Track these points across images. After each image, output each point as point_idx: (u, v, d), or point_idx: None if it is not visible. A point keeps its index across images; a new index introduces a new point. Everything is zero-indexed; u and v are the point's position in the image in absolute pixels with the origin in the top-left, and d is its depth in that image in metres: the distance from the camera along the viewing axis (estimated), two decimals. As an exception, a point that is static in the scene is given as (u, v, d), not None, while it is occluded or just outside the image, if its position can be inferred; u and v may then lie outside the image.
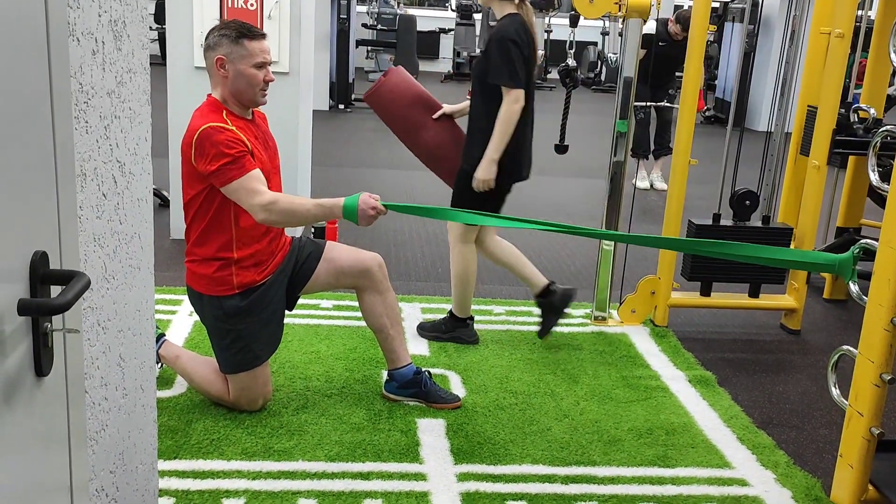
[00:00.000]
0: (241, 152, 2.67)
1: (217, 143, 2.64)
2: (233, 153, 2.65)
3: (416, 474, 2.66)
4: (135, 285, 1.73)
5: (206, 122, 2.68)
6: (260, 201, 2.65)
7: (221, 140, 2.65)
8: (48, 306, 1.14)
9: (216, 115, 2.73)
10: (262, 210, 2.65)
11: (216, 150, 2.64)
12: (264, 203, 2.65)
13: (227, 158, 2.64)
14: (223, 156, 2.64)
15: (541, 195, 6.86)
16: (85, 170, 1.46)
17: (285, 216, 2.70)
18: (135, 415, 1.79)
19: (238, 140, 2.68)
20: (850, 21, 3.75)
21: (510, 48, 3.39)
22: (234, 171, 2.65)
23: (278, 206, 2.66)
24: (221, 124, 2.69)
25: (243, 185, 2.65)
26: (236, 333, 2.86)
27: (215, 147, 2.64)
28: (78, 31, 1.40)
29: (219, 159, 2.64)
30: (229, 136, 2.67)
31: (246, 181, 2.65)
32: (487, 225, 3.18)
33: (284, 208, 2.67)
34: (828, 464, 2.86)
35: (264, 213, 2.66)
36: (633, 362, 3.62)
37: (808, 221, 4.01)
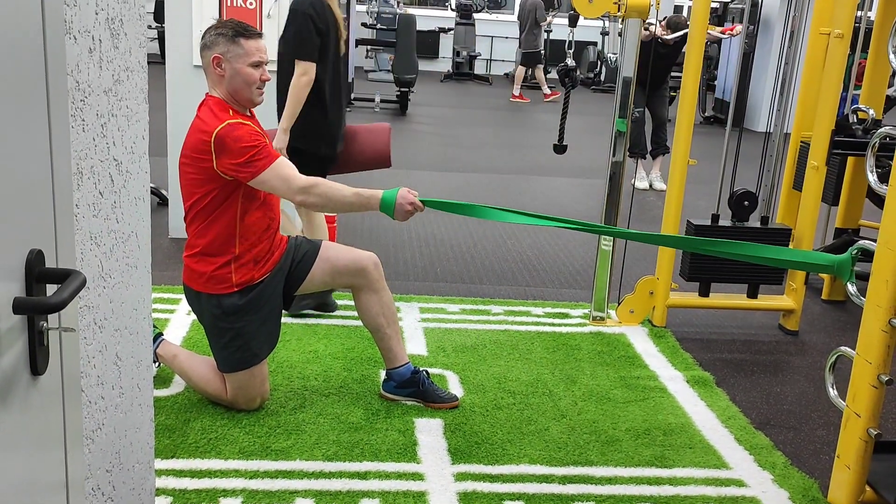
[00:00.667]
0: (265, 143, 2.73)
1: (239, 138, 2.68)
2: (258, 144, 2.70)
3: (413, 474, 2.66)
4: (132, 284, 1.73)
5: (222, 121, 2.70)
6: (299, 184, 2.71)
7: (242, 135, 2.69)
8: (43, 305, 1.13)
9: (227, 115, 2.75)
10: (300, 192, 2.71)
11: (241, 145, 2.68)
12: (303, 185, 2.71)
13: (254, 150, 2.69)
14: (249, 149, 2.68)
15: (539, 195, 6.87)
16: (82, 168, 1.46)
17: (323, 199, 2.75)
18: (131, 414, 1.79)
19: (257, 133, 2.74)
20: (849, 21, 3.75)
21: (302, 21, 3.60)
22: (262, 161, 2.69)
23: (318, 188, 2.72)
24: (237, 120, 2.72)
25: (276, 173, 2.70)
26: (235, 332, 2.86)
27: (239, 141, 2.68)
28: (75, 29, 1.40)
29: (246, 152, 2.68)
30: (248, 129, 2.72)
31: (277, 168, 2.71)
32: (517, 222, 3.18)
33: (324, 191, 2.73)
34: (825, 465, 2.86)
35: (303, 195, 2.72)
36: (632, 363, 3.62)
37: (807, 222, 4.00)
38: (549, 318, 4.06)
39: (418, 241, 5.19)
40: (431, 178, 7.23)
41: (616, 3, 3.78)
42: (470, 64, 15.08)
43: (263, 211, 2.85)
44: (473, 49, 15.12)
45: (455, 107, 11.91)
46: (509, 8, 16.57)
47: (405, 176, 7.17)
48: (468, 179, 7.24)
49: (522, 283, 4.60)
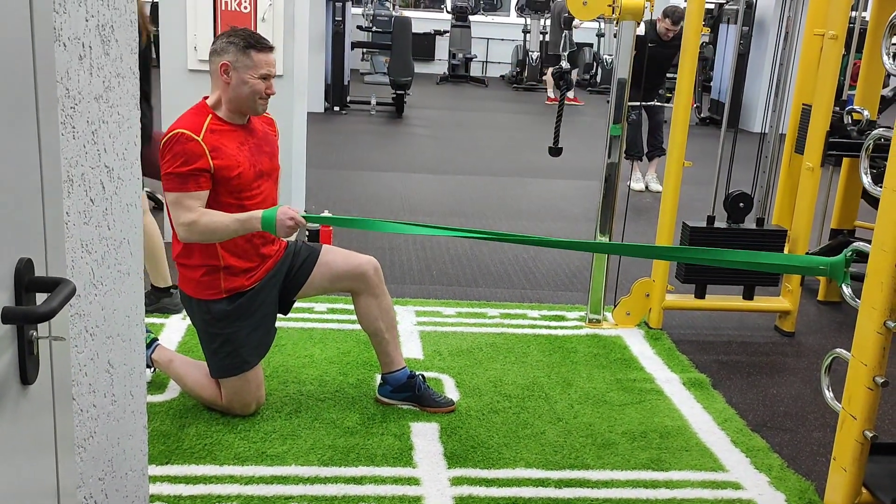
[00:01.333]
0: (193, 171, 2.67)
1: (175, 153, 2.67)
2: (183, 168, 2.67)
3: (409, 478, 2.65)
4: (124, 291, 1.72)
5: (180, 127, 2.70)
6: (183, 220, 2.68)
7: (180, 150, 2.67)
8: (33, 314, 1.13)
9: (196, 119, 2.73)
10: (183, 228, 2.70)
11: (171, 158, 2.68)
12: (186, 222, 2.68)
13: (175, 170, 2.67)
14: (172, 166, 2.68)
15: (535, 197, 6.87)
16: (72, 175, 1.45)
17: (205, 234, 2.71)
18: (124, 421, 1.78)
19: (198, 155, 2.68)
20: (843, 22, 3.75)
21: None
22: (176, 183, 2.68)
23: (197, 224, 2.68)
24: (191, 133, 2.69)
25: (178, 201, 2.68)
26: (224, 338, 2.85)
27: (172, 155, 2.67)
28: (64, 36, 1.39)
29: (169, 166, 2.68)
30: (191, 147, 2.67)
31: (181, 197, 2.68)
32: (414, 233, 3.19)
33: (203, 227, 2.69)
34: (821, 467, 2.86)
35: (185, 232, 2.70)
36: (628, 365, 3.61)
37: (803, 223, 4.00)
38: (545, 321, 4.06)
39: (414, 245, 5.19)
40: (427, 180, 7.23)
41: (610, 5, 3.78)
42: (466, 66, 15.08)
43: None
44: (469, 51, 15.12)
45: (451, 109, 11.91)
46: (505, 10, 16.57)
47: (402, 178, 7.17)
48: (464, 182, 7.24)
49: (518, 285, 4.60)
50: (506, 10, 16.59)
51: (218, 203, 2.74)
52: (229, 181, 2.73)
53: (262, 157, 2.87)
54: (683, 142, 3.92)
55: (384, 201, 6.37)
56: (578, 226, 5.95)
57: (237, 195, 2.77)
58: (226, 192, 2.74)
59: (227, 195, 2.75)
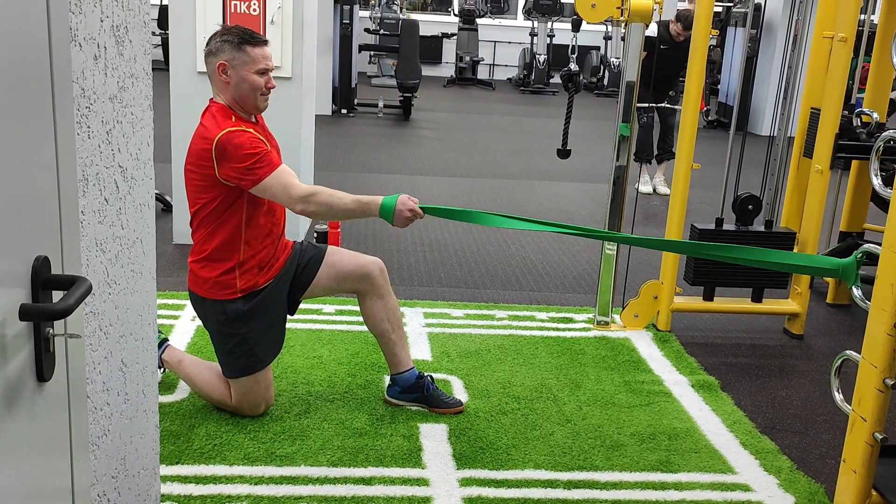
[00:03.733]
0: (266, 151, 2.71)
1: (241, 146, 2.68)
2: (259, 152, 2.69)
3: (418, 479, 2.66)
4: (137, 290, 1.73)
5: (223, 129, 2.70)
6: (299, 193, 2.69)
7: (244, 142, 2.68)
8: (50, 311, 1.14)
9: (229, 122, 2.74)
10: (300, 201, 2.70)
11: (242, 152, 2.67)
12: (303, 194, 2.70)
13: (255, 158, 2.68)
14: (251, 156, 2.67)
15: (543, 200, 6.87)
16: (87, 175, 1.46)
17: (323, 207, 2.73)
18: (137, 420, 1.79)
19: (259, 140, 2.73)
20: (852, 25, 3.75)
21: None
22: (264, 168, 2.69)
23: (318, 197, 2.71)
24: (239, 128, 2.72)
25: (277, 180, 2.69)
26: (240, 337, 2.86)
27: (240, 149, 2.67)
28: (80, 37, 1.40)
29: (247, 159, 2.67)
30: (250, 136, 2.71)
31: (279, 176, 2.70)
32: (517, 228, 3.14)
33: (324, 200, 2.71)
34: (831, 469, 2.85)
35: (303, 204, 2.70)
36: (636, 367, 3.61)
37: (811, 226, 4.00)
38: (554, 323, 4.06)
39: (422, 246, 5.19)
40: (435, 183, 7.24)
41: (619, 7, 3.78)
42: (473, 69, 15.09)
43: (268, 217, 2.85)
44: (476, 54, 15.14)
45: (458, 112, 11.92)
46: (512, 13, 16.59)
47: (409, 181, 7.17)
48: (472, 185, 7.24)
49: (526, 287, 4.60)
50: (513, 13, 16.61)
51: (232, 198, 2.74)
52: None
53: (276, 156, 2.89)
54: (692, 144, 3.91)
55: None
56: (586, 228, 5.94)
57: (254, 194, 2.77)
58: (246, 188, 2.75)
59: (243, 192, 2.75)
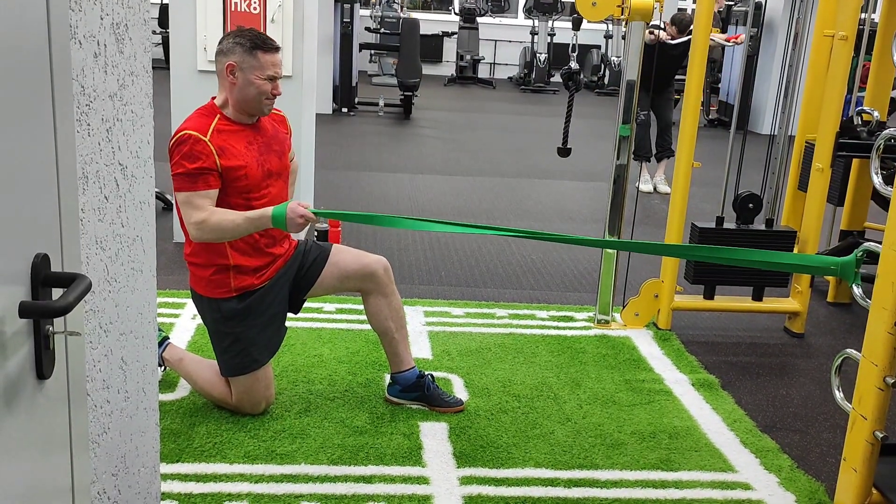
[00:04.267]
0: (201, 169, 2.68)
1: (183, 153, 2.67)
2: (191, 167, 2.67)
3: (418, 478, 2.66)
4: (137, 288, 1.73)
5: (188, 128, 2.71)
6: (194, 219, 2.68)
7: (188, 151, 2.67)
8: (49, 309, 1.14)
9: (204, 121, 2.74)
10: (194, 228, 2.69)
11: (179, 159, 2.68)
12: (196, 221, 2.68)
13: (184, 170, 2.67)
14: (182, 166, 2.67)
15: (544, 198, 6.87)
16: (87, 172, 1.46)
17: (216, 232, 2.71)
18: (137, 418, 1.79)
19: (205, 154, 2.68)
20: (853, 24, 3.75)
21: None
22: (186, 183, 2.68)
23: (208, 223, 2.68)
24: (199, 134, 2.69)
25: (188, 200, 2.68)
26: (234, 336, 2.86)
27: (180, 156, 2.68)
28: (80, 34, 1.40)
29: (178, 167, 2.68)
30: (198, 148, 2.68)
31: (191, 196, 2.68)
32: (424, 230, 3.13)
33: (215, 225, 2.69)
34: (831, 468, 2.85)
35: (196, 231, 2.70)
36: (636, 366, 3.61)
37: (812, 224, 4.00)
38: (554, 322, 4.06)
39: (423, 245, 5.19)
40: (436, 181, 7.24)
41: (619, 6, 3.78)
42: (474, 68, 15.09)
43: None
44: (477, 53, 15.13)
45: (459, 111, 11.92)
46: (513, 12, 16.58)
47: (410, 180, 7.17)
48: (473, 183, 7.24)
49: (527, 286, 4.60)
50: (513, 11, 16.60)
51: (227, 204, 2.75)
52: (237, 181, 2.74)
53: (270, 157, 2.87)
54: (692, 143, 3.91)
55: (392, 202, 6.38)
56: (587, 227, 5.95)
57: (245, 195, 2.77)
58: (234, 192, 2.75)
59: (235, 196, 2.76)
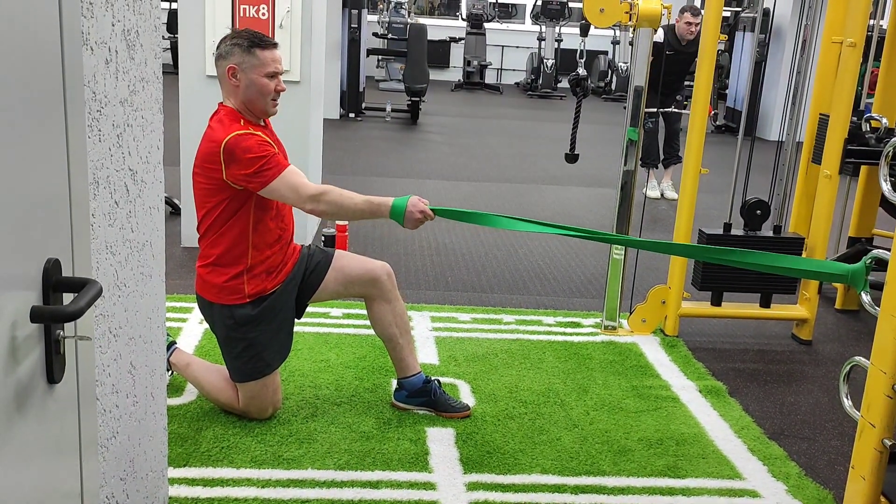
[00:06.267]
0: (273, 153, 2.72)
1: (248, 149, 2.69)
2: (267, 154, 2.70)
3: (425, 483, 2.65)
4: (146, 293, 1.74)
5: (230, 132, 2.71)
6: (309, 192, 2.70)
7: (251, 145, 2.69)
8: (60, 313, 1.14)
9: (237, 125, 2.75)
10: (310, 200, 2.70)
11: (249, 155, 2.68)
12: (313, 193, 2.71)
13: (263, 160, 2.69)
14: (259, 159, 2.68)
15: (551, 204, 6.87)
16: (98, 178, 1.47)
17: (333, 207, 2.74)
18: (145, 422, 1.79)
19: (266, 142, 2.73)
20: (862, 30, 3.74)
21: None
22: (272, 170, 2.69)
23: (328, 196, 2.71)
24: (246, 131, 2.72)
25: (285, 182, 2.70)
26: (247, 342, 2.87)
27: (248, 152, 2.68)
28: (92, 41, 1.41)
29: (255, 162, 2.68)
30: (258, 139, 2.72)
31: (287, 177, 2.70)
32: (526, 230, 3.11)
33: (334, 199, 2.72)
34: (840, 475, 2.84)
35: (313, 204, 2.71)
36: (644, 372, 3.60)
37: (820, 231, 3.99)
38: (561, 328, 4.05)
39: (429, 250, 5.19)
40: (443, 187, 7.24)
41: (627, 12, 3.78)
42: (481, 73, 15.11)
43: (276, 221, 2.86)
44: (484, 58, 15.15)
45: (466, 116, 11.93)
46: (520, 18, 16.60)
47: (417, 185, 7.18)
48: (479, 189, 7.24)
49: (534, 292, 4.60)
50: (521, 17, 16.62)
51: (237, 205, 2.75)
52: None
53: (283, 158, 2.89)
54: (700, 149, 3.91)
55: (399, 207, 6.37)
56: (594, 233, 5.93)
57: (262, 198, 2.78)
58: None
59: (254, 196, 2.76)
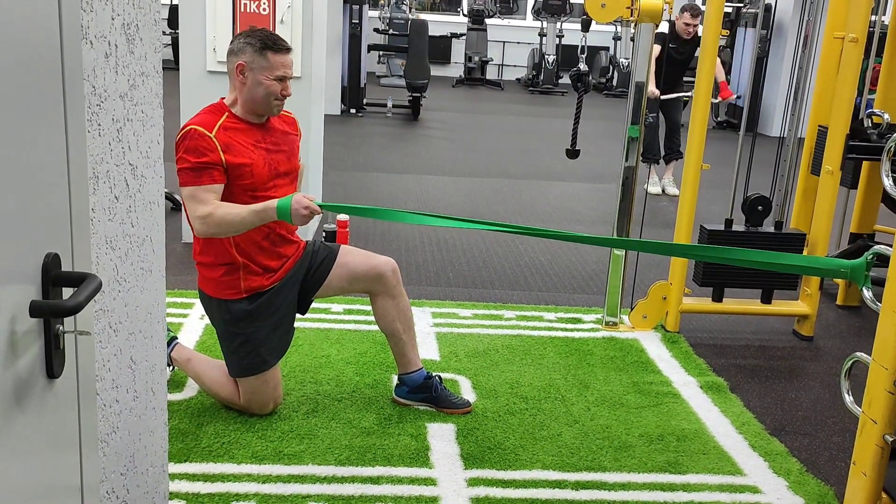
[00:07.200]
0: (206, 164, 2.67)
1: (187, 148, 2.67)
2: (195, 161, 2.66)
3: (425, 479, 2.65)
4: (146, 288, 1.74)
5: (193, 124, 2.71)
6: (199, 213, 2.66)
7: (192, 146, 2.67)
8: (60, 308, 1.14)
9: (210, 118, 2.74)
10: (199, 221, 2.67)
11: (183, 154, 2.68)
12: (201, 215, 2.66)
13: (188, 164, 2.66)
14: (186, 160, 2.67)
15: (552, 199, 6.86)
16: (97, 172, 1.46)
17: (221, 226, 2.69)
18: (145, 417, 1.79)
19: (209, 149, 2.68)
20: (863, 26, 3.73)
21: None
22: (190, 177, 2.67)
23: (213, 217, 2.66)
24: (204, 130, 2.69)
25: (193, 194, 2.67)
26: (244, 337, 2.87)
27: (184, 150, 2.68)
28: (91, 35, 1.41)
29: (182, 162, 2.68)
30: (202, 143, 2.67)
31: (196, 191, 2.67)
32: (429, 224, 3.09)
33: (219, 219, 2.67)
34: (841, 471, 2.84)
35: (201, 225, 2.68)
36: (645, 368, 3.60)
37: (822, 227, 3.98)
38: (562, 324, 4.05)
39: (430, 246, 5.19)
40: (443, 182, 7.24)
41: (628, 7, 3.77)
42: (482, 69, 15.09)
43: None
44: (485, 54, 15.13)
45: (467, 112, 11.92)
46: (521, 13, 16.58)
47: (417, 181, 7.18)
48: (480, 184, 7.24)
49: (535, 287, 4.59)
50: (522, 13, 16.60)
51: (232, 202, 2.74)
52: (242, 179, 2.74)
53: (279, 157, 2.87)
54: (702, 145, 3.90)
55: (400, 203, 6.38)
56: (595, 229, 5.94)
57: (252, 193, 2.77)
58: (240, 190, 2.75)
59: (241, 193, 2.75)
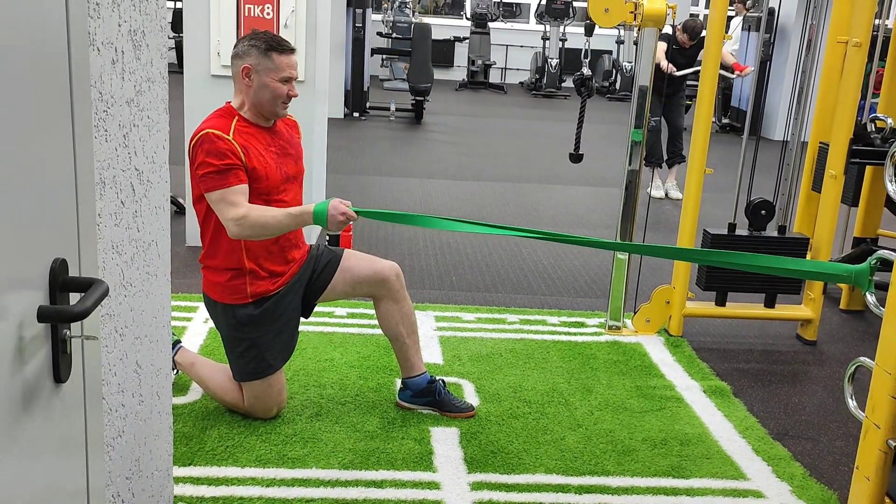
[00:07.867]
0: (230, 165, 2.67)
1: (208, 151, 2.67)
2: (219, 164, 2.66)
3: (429, 483, 2.66)
4: (152, 293, 1.75)
5: (208, 128, 2.71)
6: (233, 215, 2.66)
7: (213, 149, 2.67)
8: (67, 313, 1.14)
9: (223, 121, 2.74)
10: (233, 224, 2.67)
11: (205, 158, 2.67)
12: (235, 217, 2.66)
13: (213, 168, 2.66)
14: (209, 164, 2.66)
15: (555, 204, 6.86)
16: (104, 178, 1.47)
17: (257, 229, 2.69)
18: (151, 421, 1.80)
19: (231, 151, 2.68)
20: (867, 30, 3.74)
21: None
22: (217, 181, 2.66)
23: (248, 219, 2.66)
24: (220, 132, 2.69)
25: (223, 197, 2.66)
26: (249, 342, 2.87)
27: (205, 154, 2.67)
28: (98, 41, 1.41)
29: (206, 166, 2.67)
30: (223, 146, 2.68)
31: (226, 193, 2.66)
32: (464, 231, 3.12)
33: (254, 221, 2.67)
34: (844, 476, 2.84)
35: (236, 227, 2.67)
36: (648, 372, 3.60)
37: (825, 231, 3.98)
38: (565, 328, 4.05)
39: (434, 250, 5.20)
40: (447, 186, 7.24)
41: (632, 12, 3.78)
42: (485, 73, 15.11)
43: None
44: (488, 58, 15.15)
45: (470, 115, 11.93)
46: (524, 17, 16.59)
47: (420, 184, 7.18)
48: (483, 188, 7.25)
49: (538, 291, 4.60)
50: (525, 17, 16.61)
51: None
52: (258, 182, 2.74)
53: (287, 160, 2.88)
54: (705, 149, 3.90)
55: (403, 207, 6.38)
56: (598, 233, 5.94)
57: (265, 198, 2.78)
58: (254, 194, 2.75)
59: (255, 198, 2.76)
